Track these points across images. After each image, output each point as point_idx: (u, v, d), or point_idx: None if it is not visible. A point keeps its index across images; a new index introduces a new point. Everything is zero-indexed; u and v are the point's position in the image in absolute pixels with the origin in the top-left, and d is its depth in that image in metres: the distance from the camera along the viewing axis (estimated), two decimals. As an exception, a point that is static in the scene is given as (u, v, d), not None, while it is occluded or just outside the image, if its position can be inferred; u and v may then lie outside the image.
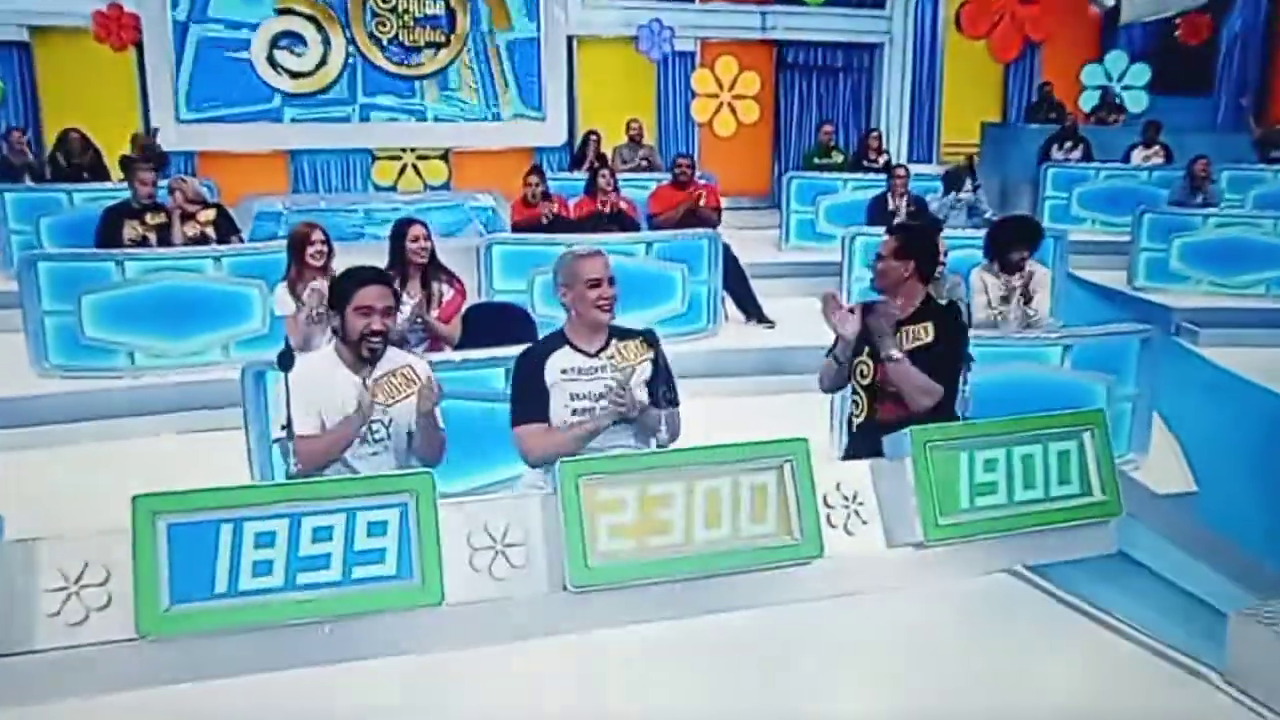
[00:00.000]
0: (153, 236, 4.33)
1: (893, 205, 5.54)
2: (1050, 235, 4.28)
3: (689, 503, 1.75)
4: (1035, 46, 8.95)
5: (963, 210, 5.45)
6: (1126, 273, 5.58)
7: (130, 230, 4.32)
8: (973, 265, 3.72)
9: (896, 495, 1.89)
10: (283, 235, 4.21)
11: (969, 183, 5.57)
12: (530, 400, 2.09)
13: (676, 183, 5.53)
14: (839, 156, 7.33)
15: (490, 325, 3.26)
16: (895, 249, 2.33)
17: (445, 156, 8.06)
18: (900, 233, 2.43)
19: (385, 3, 7.66)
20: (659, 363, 2.14)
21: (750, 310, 5.01)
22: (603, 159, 6.84)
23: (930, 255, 2.39)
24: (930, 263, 2.38)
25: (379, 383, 2.08)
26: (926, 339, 2.28)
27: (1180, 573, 2.45)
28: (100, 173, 6.23)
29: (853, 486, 1.88)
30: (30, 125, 7.03)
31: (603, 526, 1.70)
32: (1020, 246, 3.55)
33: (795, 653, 1.69)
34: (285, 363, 1.95)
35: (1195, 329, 4.82)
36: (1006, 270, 3.58)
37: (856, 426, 2.41)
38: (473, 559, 1.66)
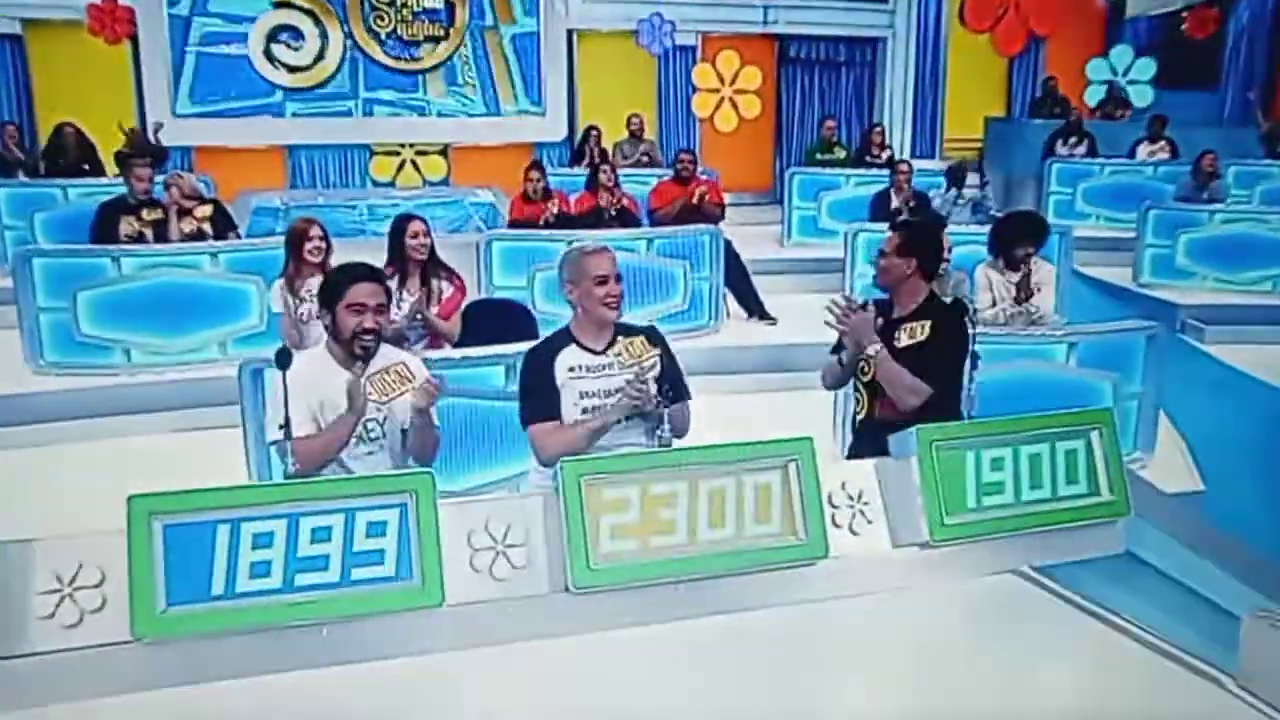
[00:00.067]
0: (149, 232, 4.31)
1: (896, 201, 5.50)
2: (1055, 231, 4.26)
3: (692, 502, 1.73)
4: (1040, 40, 8.91)
5: (967, 206, 5.41)
6: (1131, 269, 5.56)
7: (126, 226, 4.29)
8: (978, 261, 3.69)
9: (902, 495, 1.87)
10: (281, 231, 4.18)
11: (976, 179, 5.53)
12: (540, 398, 2.06)
13: (678, 178, 5.50)
14: (841, 152, 7.30)
15: (490, 322, 3.24)
16: (898, 246, 2.32)
17: (444, 152, 8.03)
18: (903, 230, 2.41)
19: (383, -4, 7.63)
20: (666, 359, 2.11)
21: (752, 307, 4.99)
22: (603, 154, 6.80)
23: (933, 252, 2.37)
24: (933, 260, 2.36)
25: (372, 380, 2.05)
26: (921, 337, 2.25)
27: (1187, 572, 2.43)
28: (95, 168, 6.19)
29: (858, 486, 1.86)
30: (23, 120, 6.99)
31: (605, 526, 1.68)
32: (1025, 242, 3.52)
33: (800, 654, 1.67)
34: (283, 361, 1.92)
35: (1201, 326, 4.80)
36: (1011, 267, 3.55)
37: (858, 424, 2.40)
38: (473, 559, 1.64)
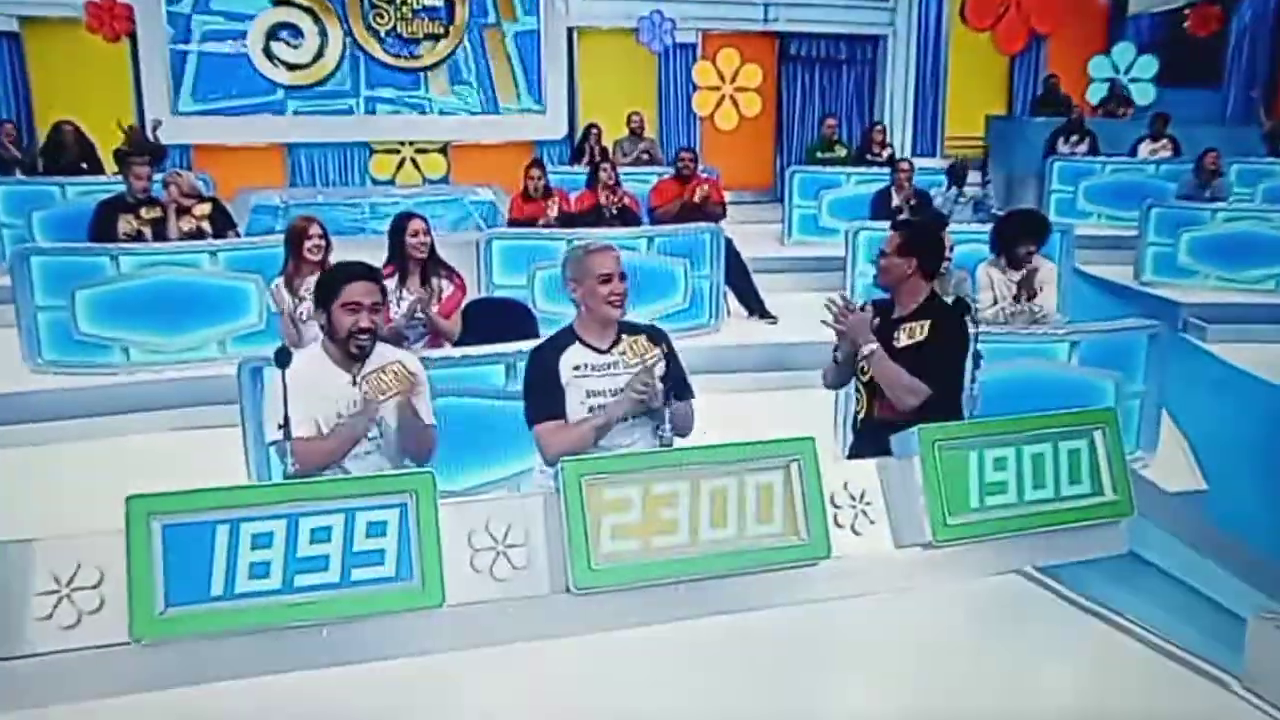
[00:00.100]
0: (148, 231, 4.30)
1: (897, 200, 5.48)
2: (1056, 230, 4.25)
3: (694, 502, 1.72)
4: (1041, 38, 8.88)
5: (968, 205, 5.40)
6: (1133, 267, 5.54)
7: (125, 224, 4.28)
8: (979, 260, 3.68)
9: (905, 495, 1.86)
10: (280, 229, 4.17)
11: (977, 177, 5.52)
12: (545, 397, 2.05)
13: (679, 176, 5.49)
14: (842, 150, 7.28)
15: (491, 321, 3.23)
16: (898, 246, 2.30)
17: (444, 150, 8.01)
18: (903, 229, 2.40)
19: (382, -7, 7.61)
20: (671, 358, 2.11)
21: (753, 306, 4.98)
22: (603, 152, 6.79)
23: (934, 252, 2.36)
24: (934, 260, 2.35)
25: (368, 379, 2.04)
26: (920, 337, 2.24)
27: (1189, 571, 2.42)
28: (94, 166, 6.17)
29: (860, 486, 1.85)
30: (21, 118, 6.97)
31: (606, 526, 1.67)
32: (1027, 241, 3.51)
33: (803, 655, 1.66)
34: (283, 360, 1.91)
35: (1203, 325, 4.79)
36: (1013, 265, 3.53)
37: (858, 423, 2.39)
38: (474, 560, 1.63)
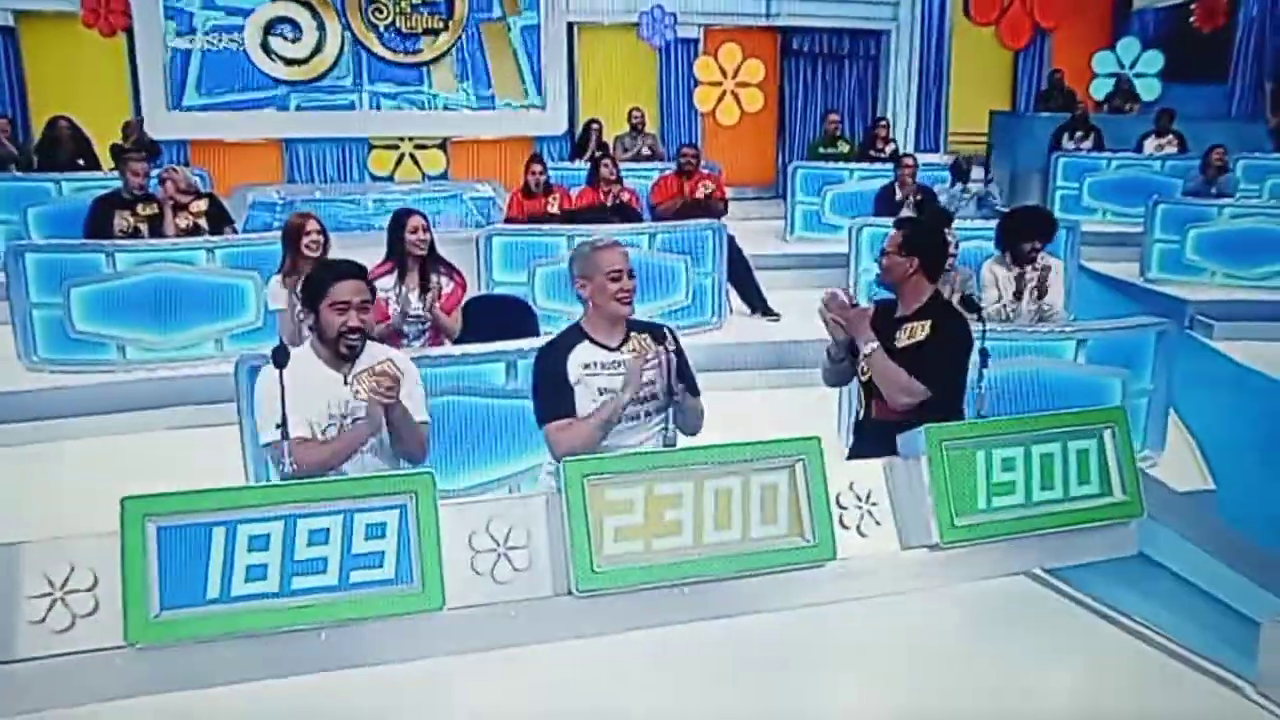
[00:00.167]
0: (144, 227, 4.27)
1: (900, 196, 5.45)
2: (1062, 226, 4.21)
3: (698, 503, 1.70)
4: (1045, 33, 8.84)
5: (972, 201, 5.36)
6: (1139, 264, 5.51)
7: (121, 221, 4.25)
8: (984, 257, 3.65)
9: (911, 495, 1.85)
10: (278, 226, 4.14)
11: (980, 174, 5.47)
12: (554, 396, 2.03)
13: (681, 172, 5.45)
14: (845, 146, 7.24)
15: (491, 318, 3.21)
16: (900, 244, 2.28)
17: (443, 146, 7.98)
18: (906, 227, 2.37)
19: (380, -12, 7.58)
20: (679, 354, 2.08)
21: (755, 303, 4.95)
22: (604, 148, 6.75)
23: (936, 251, 2.33)
24: (937, 258, 2.32)
25: (359, 379, 2.01)
26: (921, 336, 2.22)
27: (1198, 572, 2.40)
28: (90, 162, 6.14)
29: (866, 486, 1.84)
30: (16, 113, 6.93)
31: (609, 528, 1.65)
32: (1032, 238, 3.47)
33: (808, 658, 1.65)
34: (280, 359, 1.88)
35: (1210, 322, 4.77)
36: (1018, 262, 3.50)
37: (859, 423, 2.37)
38: (474, 562, 1.62)
